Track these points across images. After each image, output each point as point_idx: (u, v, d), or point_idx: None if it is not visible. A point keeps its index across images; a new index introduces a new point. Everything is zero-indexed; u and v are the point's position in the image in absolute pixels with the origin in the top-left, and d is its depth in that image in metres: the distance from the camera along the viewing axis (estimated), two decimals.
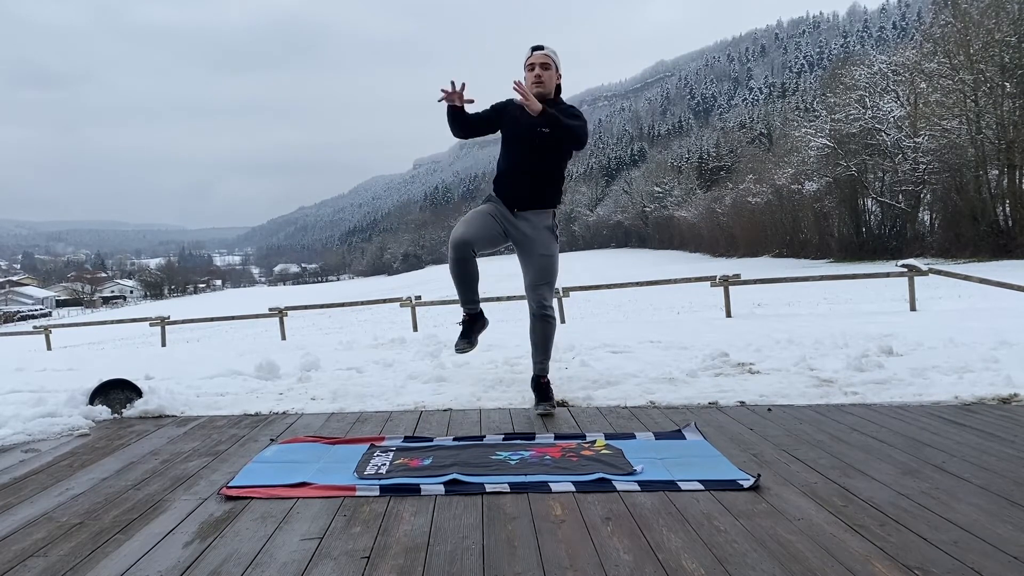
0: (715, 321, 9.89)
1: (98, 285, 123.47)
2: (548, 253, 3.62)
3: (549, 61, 3.57)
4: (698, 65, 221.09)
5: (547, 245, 3.62)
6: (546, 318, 3.65)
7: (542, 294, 3.62)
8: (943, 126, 35.19)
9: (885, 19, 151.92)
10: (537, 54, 3.57)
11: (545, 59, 3.56)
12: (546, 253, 3.61)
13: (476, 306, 3.71)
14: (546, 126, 3.44)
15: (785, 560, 1.77)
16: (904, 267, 11.37)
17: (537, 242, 3.60)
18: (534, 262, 3.61)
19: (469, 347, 3.72)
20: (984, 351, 4.75)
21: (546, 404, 3.58)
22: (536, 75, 3.55)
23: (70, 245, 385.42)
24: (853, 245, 44.58)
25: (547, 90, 3.57)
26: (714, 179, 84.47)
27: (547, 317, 3.65)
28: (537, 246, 3.60)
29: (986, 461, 2.52)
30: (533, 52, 3.59)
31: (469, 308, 3.71)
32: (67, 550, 1.98)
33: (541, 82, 3.55)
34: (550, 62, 3.57)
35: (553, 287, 3.69)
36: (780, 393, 3.79)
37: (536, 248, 3.61)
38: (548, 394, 3.63)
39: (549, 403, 3.59)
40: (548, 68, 3.56)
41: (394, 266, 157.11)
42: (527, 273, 3.65)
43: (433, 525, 2.08)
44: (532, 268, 3.62)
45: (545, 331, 3.67)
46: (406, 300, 13.23)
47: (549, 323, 3.67)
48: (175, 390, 4.29)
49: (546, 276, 3.62)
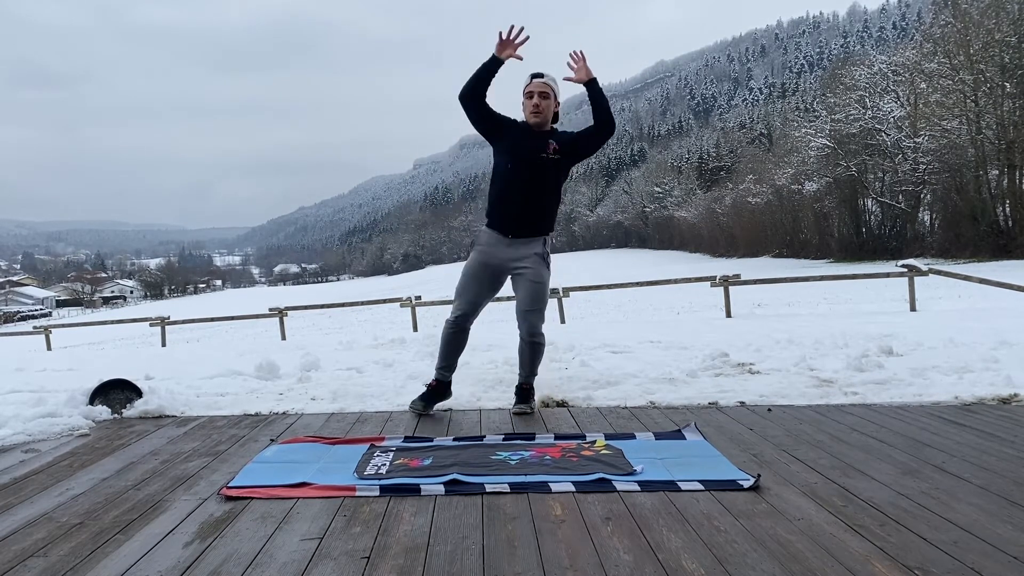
0: (715, 321, 9.89)
1: (98, 285, 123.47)
2: (539, 280, 3.59)
3: (548, 91, 3.55)
4: (698, 65, 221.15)
5: (538, 272, 3.59)
6: (535, 344, 3.65)
7: (532, 321, 3.60)
8: (943, 126, 35.19)
9: (885, 19, 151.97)
10: (536, 82, 3.54)
11: (544, 88, 3.54)
12: (537, 280, 3.59)
13: (449, 374, 3.73)
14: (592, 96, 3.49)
15: (785, 560, 1.77)
16: (904, 267, 11.37)
17: (529, 269, 3.58)
18: (525, 288, 3.59)
19: (424, 411, 3.64)
20: (984, 351, 4.75)
21: (523, 404, 3.60)
22: (535, 104, 3.53)
23: (70, 245, 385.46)
24: (853, 245, 44.58)
25: (544, 119, 3.57)
26: (714, 179, 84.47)
27: (536, 343, 3.65)
28: (528, 272, 3.58)
29: (986, 461, 2.52)
30: (532, 80, 3.56)
31: (442, 374, 3.71)
32: (67, 550, 1.97)
33: (539, 111, 3.53)
34: (549, 91, 3.55)
35: (543, 312, 3.67)
36: (780, 393, 3.79)
37: (527, 275, 3.58)
38: (528, 397, 3.66)
39: (527, 404, 3.61)
40: (547, 98, 3.54)
41: (394, 266, 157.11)
42: (518, 298, 3.64)
43: (433, 525, 2.08)
44: (523, 294, 3.61)
45: (533, 353, 3.68)
46: (406, 300, 13.23)
47: (538, 348, 3.67)
48: (175, 390, 4.29)
49: (536, 303, 3.60)
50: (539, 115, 3.54)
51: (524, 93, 3.58)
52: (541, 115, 3.54)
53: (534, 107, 3.53)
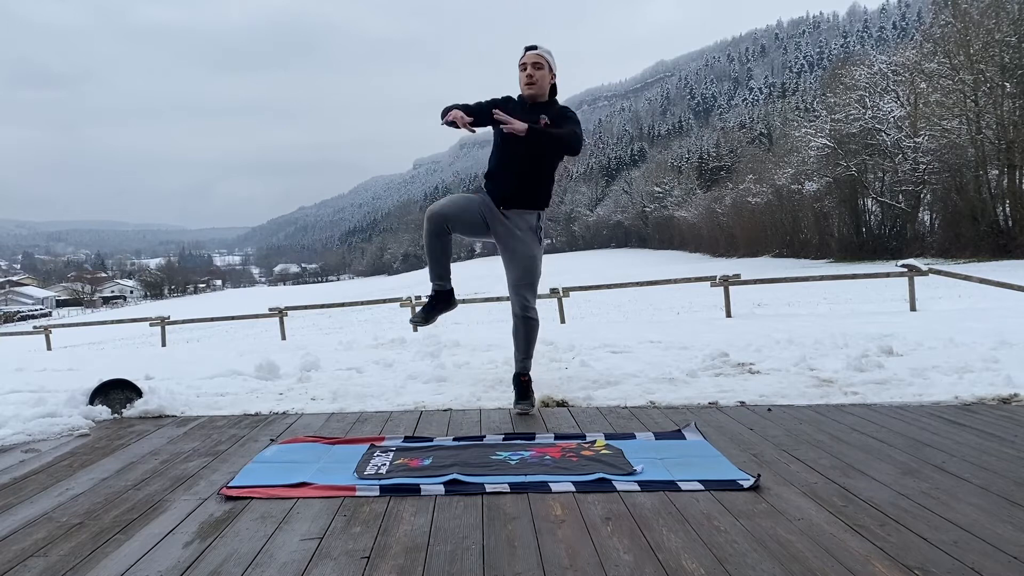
0: (715, 321, 9.89)
1: (98, 285, 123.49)
2: (531, 254, 3.62)
3: (542, 61, 3.55)
4: (698, 65, 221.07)
5: (530, 246, 3.62)
6: (528, 319, 3.66)
7: (524, 295, 3.62)
8: (943, 126, 35.20)
9: (885, 19, 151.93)
10: (530, 54, 3.56)
11: (538, 59, 3.55)
12: (529, 254, 3.61)
13: (445, 283, 3.71)
14: (535, 145, 3.41)
15: (785, 560, 1.77)
16: (904, 267, 11.38)
17: (521, 242, 3.61)
18: (517, 262, 3.62)
19: (425, 323, 3.68)
20: (984, 351, 4.75)
21: (524, 403, 3.59)
22: (528, 75, 3.54)
23: (70, 245, 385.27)
24: (853, 245, 44.58)
25: (540, 90, 3.57)
26: (714, 179, 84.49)
27: (529, 319, 3.66)
28: (521, 246, 3.61)
29: (986, 461, 2.52)
30: (526, 52, 3.58)
31: (438, 284, 3.69)
32: (67, 550, 1.97)
33: (533, 82, 3.54)
34: (543, 62, 3.56)
35: (535, 288, 3.69)
36: (780, 393, 3.79)
37: (519, 248, 3.61)
38: (527, 393, 3.65)
39: (528, 402, 3.60)
40: (541, 68, 3.55)
41: (394, 266, 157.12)
42: (509, 272, 3.66)
43: (433, 525, 2.08)
44: (514, 268, 3.63)
45: (528, 331, 3.68)
46: (406, 300, 13.23)
47: (531, 324, 3.68)
48: (175, 390, 4.29)
49: (528, 276, 3.62)
50: (533, 85, 3.54)
51: (519, 65, 3.60)
52: (535, 85, 3.55)
53: (528, 77, 3.54)
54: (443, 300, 3.73)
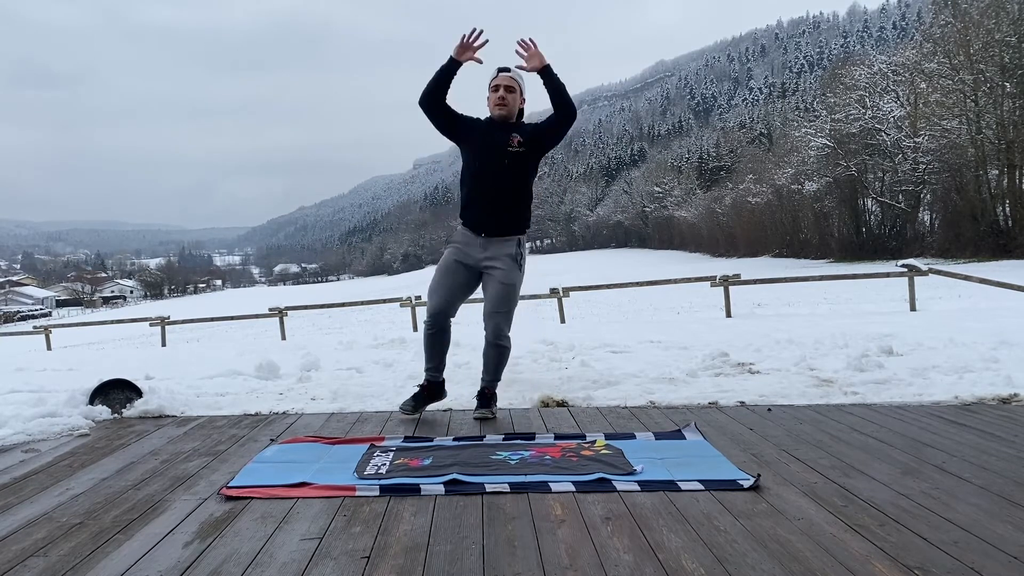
0: (715, 321, 9.89)
1: (98, 285, 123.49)
2: (509, 282, 3.55)
3: (514, 84, 3.54)
4: (698, 65, 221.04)
5: (508, 273, 3.54)
6: (500, 347, 3.60)
7: (498, 323, 3.55)
8: (943, 126, 35.19)
9: (885, 19, 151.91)
10: (503, 76, 3.54)
11: (511, 82, 3.53)
12: (507, 281, 3.54)
13: (439, 375, 3.67)
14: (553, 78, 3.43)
15: (785, 560, 1.77)
16: (904, 267, 11.38)
17: (499, 269, 3.54)
18: (494, 289, 3.54)
19: (413, 413, 3.56)
20: (984, 351, 4.75)
21: (484, 409, 3.52)
22: (500, 97, 3.52)
23: (70, 245, 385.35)
24: (853, 245, 44.58)
25: (510, 113, 3.56)
26: (714, 179, 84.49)
27: (501, 346, 3.60)
28: (498, 273, 3.54)
29: (986, 461, 2.52)
30: (499, 73, 3.55)
31: (431, 375, 3.65)
32: (67, 550, 1.97)
33: (504, 104, 3.52)
34: (515, 85, 3.54)
35: (511, 316, 3.62)
36: (780, 393, 3.79)
37: (497, 275, 3.54)
38: (489, 402, 3.58)
39: (487, 408, 3.53)
40: (512, 91, 3.54)
41: (394, 266, 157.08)
42: (486, 298, 3.59)
43: (433, 525, 2.08)
44: (491, 294, 3.55)
45: (499, 357, 3.63)
46: (406, 300, 13.23)
47: (503, 351, 3.62)
48: (175, 390, 4.29)
49: (504, 304, 3.55)
50: (504, 107, 3.52)
51: (490, 87, 3.57)
52: (506, 107, 3.52)
53: (499, 99, 3.52)
54: (434, 391, 3.67)
